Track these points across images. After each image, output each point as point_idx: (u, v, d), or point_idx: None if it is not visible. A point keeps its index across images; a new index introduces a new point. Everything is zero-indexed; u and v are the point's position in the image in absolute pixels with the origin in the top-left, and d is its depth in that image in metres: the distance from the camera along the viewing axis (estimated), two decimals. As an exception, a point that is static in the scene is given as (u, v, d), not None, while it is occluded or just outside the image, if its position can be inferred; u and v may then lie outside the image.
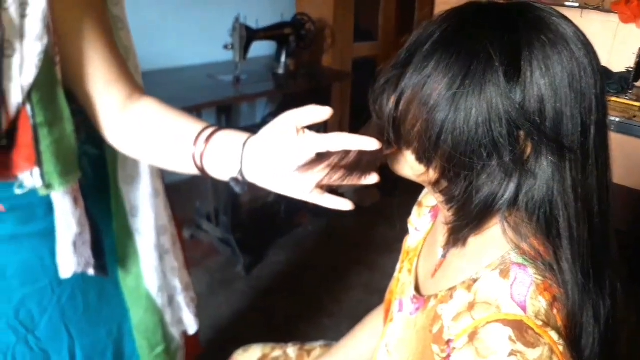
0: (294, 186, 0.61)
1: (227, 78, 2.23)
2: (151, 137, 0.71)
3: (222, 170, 0.66)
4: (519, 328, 0.49)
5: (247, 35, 2.14)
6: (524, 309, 0.50)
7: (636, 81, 2.34)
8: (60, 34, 0.64)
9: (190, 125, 0.69)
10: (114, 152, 0.79)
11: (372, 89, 0.60)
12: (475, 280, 0.56)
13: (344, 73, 2.56)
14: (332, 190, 0.63)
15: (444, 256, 0.66)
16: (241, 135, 0.65)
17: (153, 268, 0.91)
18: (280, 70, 2.39)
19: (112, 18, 0.75)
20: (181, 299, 1.01)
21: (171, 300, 0.98)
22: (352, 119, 2.69)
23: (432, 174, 0.56)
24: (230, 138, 0.65)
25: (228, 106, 2.29)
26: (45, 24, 0.59)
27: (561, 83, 0.49)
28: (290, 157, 0.58)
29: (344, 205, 0.62)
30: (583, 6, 2.51)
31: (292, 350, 1.02)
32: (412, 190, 0.70)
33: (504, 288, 0.52)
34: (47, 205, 0.71)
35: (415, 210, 0.83)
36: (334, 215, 2.65)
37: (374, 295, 2.11)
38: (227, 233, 2.25)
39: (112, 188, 0.84)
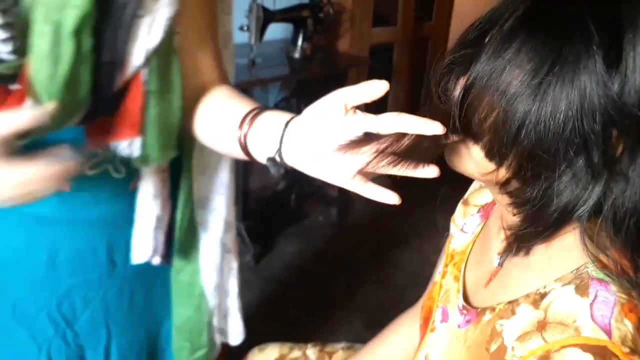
0: (334, 170, 0.54)
1: (242, 61, 2.15)
2: (209, 121, 0.68)
3: (262, 151, 0.60)
4: (602, 355, 0.42)
5: (264, 17, 2.05)
6: (608, 333, 0.43)
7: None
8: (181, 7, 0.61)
9: (242, 107, 0.64)
10: (192, 139, 0.73)
11: (436, 68, 0.52)
12: (543, 295, 0.49)
13: (361, 58, 2.48)
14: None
15: (500, 264, 0.59)
16: (285, 115, 0.59)
17: (214, 265, 0.86)
18: (297, 54, 2.31)
19: (221, 2, 0.73)
20: (233, 304, 0.95)
21: (221, 303, 0.92)
22: (367, 105, 2.61)
23: (503, 173, 0.49)
24: (274, 118, 0.60)
25: (243, 90, 2.22)
26: None
27: None
28: (334, 138, 0.51)
29: (390, 198, 0.55)
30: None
31: (312, 351, 0.96)
32: (426, 180, 0.60)
33: (583, 307, 0.46)
34: (112, 191, 0.69)
35: (460, 208, 0.76)
36: (345, 206, 2.60)
37: (386, 289, 2.05)
38: (237, 221, 2.19)
39: (184, 177, 0.77)
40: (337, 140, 0.51)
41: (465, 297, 0.63)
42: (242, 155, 0.63)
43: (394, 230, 2.47)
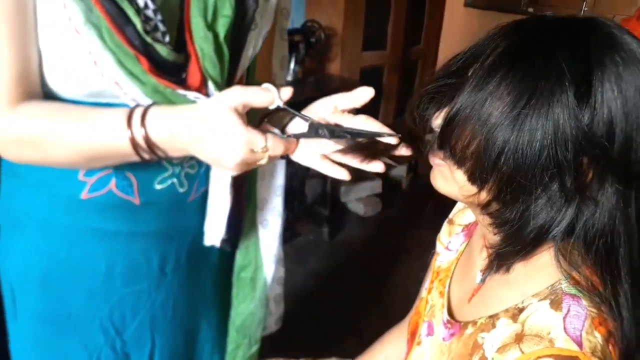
0: (305, 152, 0.67)
1: (235, 83, 2.20)
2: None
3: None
4: None
5: (257, 41, 2.11)
6: (579, 344, 0.47)
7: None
8: None
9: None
10: None
11: (417, 93, 0.57)
12: (521, 310, 0.53)
13: (352, 81, 2.53)
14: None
15: (482, 281, 0.63)
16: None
17: (273, 258, 0.92)
18: (289, 77, 2.36)
19: (279, 29, 0.87)
20: (281, 289, 1.03)
21: (276, 289, 1.00)
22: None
23: (484, 196, 0.53)
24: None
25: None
26: (274, 9, 0.73)
27: (634, 106, 0.46)
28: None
29: (341, 174, 0.66)
30: (594, 23, 2.51)
31: (304, 366, 0.98)
32: (414, 200, 0.72)
33: (557, 320, 0.49)
34: (172, 205, 0.74)
35: (445, 227, 0.79)
36: (336, 225, 2.63)
37: (377, 307, 2.07)
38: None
39: (250, 182, 0.88)
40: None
41: (450, 312, 0.66)
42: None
43: (384, 248, 2.50)
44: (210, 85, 0.63)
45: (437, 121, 0.54)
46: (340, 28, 2.45)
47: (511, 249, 0.53)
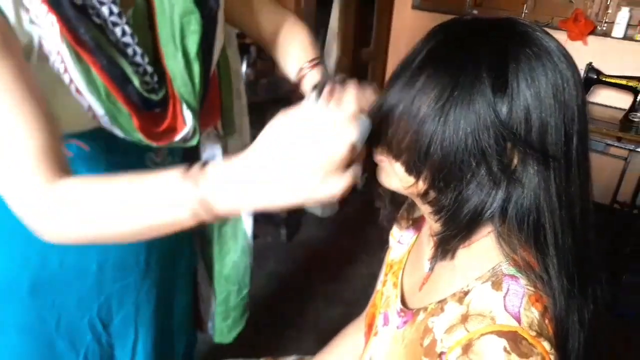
0: None
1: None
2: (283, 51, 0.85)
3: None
4: (514, 339, 0.49)
5: (208, 44, 2.10)
6: (518, 320, 0.51)
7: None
8: None
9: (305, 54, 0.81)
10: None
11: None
12: (466, 293, 0.57)
13: (304, 84, 2.56)
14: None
15: (431, 269, 0.66)
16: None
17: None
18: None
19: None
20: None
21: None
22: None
23: (421, 185, 0.56)
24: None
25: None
26: None
27: (546, 94, 0.51)
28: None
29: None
30: (534, 23, 2.62)
31: (264, 365, 1.00)
32: (370, 200, 0.74)
33: (497, 300, 0.53)
34: None
35: (396, 223, 0.83)
36: (294, 226, 2.64)
37: (337, 306, 2.10)
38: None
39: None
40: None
41: (403, 301, 0.70)
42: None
43: (342, 247, 2.53)
44: (185, 108, 0.67)
45: (374, 119, 0.57)
46: (292, 31, 2.47)
47: (450, 233, 0.57)
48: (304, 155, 0.47)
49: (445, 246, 0.59)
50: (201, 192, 0.49)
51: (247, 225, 0.98)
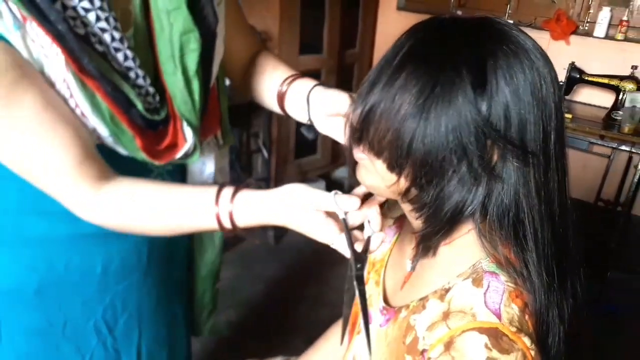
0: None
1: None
2: (258, 80, 0.87)
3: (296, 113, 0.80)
4: (495, 335, 0.49)
5: (192, 46, 2.09)
6: (498, 316, 0.51)
7: (567, 94, 2.49)
8: None
9: (282, 73, 0.83)
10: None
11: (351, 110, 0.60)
12: (447, 290, 0.57)
13: (290, 85, 2.56)
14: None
15: (413, 268, 0.66)
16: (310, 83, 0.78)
17: None
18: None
19: None
20: None
21: None
22: (298, 130, 2.69)
23: (403, 183, 0.56)
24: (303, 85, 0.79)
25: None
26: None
27: (524, 91, 0.51)
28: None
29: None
30: (517, 23, 2.65)
31: (249, 367, 0.99)
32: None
33: (478, 296, 0.53)
34: None
35: None
36: (281, 228, 2.63)
37: (322, 308, 2.10)
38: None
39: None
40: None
41: (386, 300, 0.70)
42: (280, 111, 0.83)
43: (329, 250, 2.52)
44: (185, 125, 0.69)
45: (355, 117, 0.57)
46: (277, 32, 2.47)
47: (431, 229, 0.57)
48: (301, 223, 0.65)
49: (427, 243, 0.59)
50: (229, 208, 0.64)
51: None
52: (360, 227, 0.65)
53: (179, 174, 0.83)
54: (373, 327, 0.69)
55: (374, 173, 0.59)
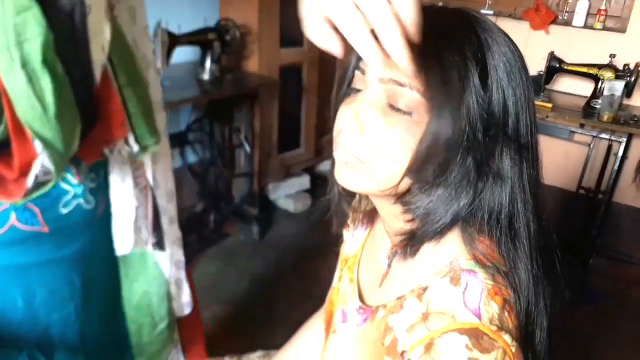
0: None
1: (149, 85, 2.13)
2: None
3: None
4: (475, 335, 0.48)
5: (169, 41, 2.06)
6: (478, 316, 0.50)
7: (547, 84, 2.50)
8: None
9: None
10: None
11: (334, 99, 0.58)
12: (425, 289, 0.55)
13: (270, 79, 2.53)
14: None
15: (389, 265, 0.65)
16: None
17: (164, 232, 0.88)
18: (205, 76, 2.32)
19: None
20: (182, 274, 0.96)
21: (175, 273, 0.94)
22: (281, 124, 2.67)
23: (403, 186, 0.54)
24: None
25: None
26: None
27: (517, 82, 0.50)
28: None
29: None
30: (497, 14, 2.65)
31: (228, 363, 0.98)
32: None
33: (457, 296, 0.52)
34: (83, 223, 0.70)
35: (350, 215, 0.81)
36: (265, 224, 2.62)
37: (306, 302, 2.08)
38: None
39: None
40: None
41: (361, 298, 0.68)
42: None
43: (313, 244, 2.52)
44: (35, 140, 0.53)
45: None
46: (256, 25, 2.44)
47: (427, 229, 0.55)
48: None
49: (418, 245, 0.57)
50: None
51: (162, 260, 0.90)
52: None
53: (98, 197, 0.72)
54: (349, 327, 0.68)
55: (368, 177, 0.54)
